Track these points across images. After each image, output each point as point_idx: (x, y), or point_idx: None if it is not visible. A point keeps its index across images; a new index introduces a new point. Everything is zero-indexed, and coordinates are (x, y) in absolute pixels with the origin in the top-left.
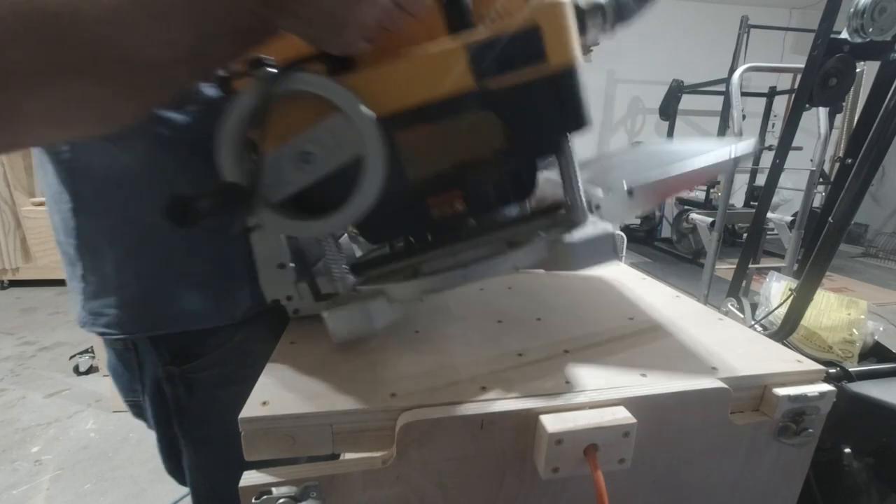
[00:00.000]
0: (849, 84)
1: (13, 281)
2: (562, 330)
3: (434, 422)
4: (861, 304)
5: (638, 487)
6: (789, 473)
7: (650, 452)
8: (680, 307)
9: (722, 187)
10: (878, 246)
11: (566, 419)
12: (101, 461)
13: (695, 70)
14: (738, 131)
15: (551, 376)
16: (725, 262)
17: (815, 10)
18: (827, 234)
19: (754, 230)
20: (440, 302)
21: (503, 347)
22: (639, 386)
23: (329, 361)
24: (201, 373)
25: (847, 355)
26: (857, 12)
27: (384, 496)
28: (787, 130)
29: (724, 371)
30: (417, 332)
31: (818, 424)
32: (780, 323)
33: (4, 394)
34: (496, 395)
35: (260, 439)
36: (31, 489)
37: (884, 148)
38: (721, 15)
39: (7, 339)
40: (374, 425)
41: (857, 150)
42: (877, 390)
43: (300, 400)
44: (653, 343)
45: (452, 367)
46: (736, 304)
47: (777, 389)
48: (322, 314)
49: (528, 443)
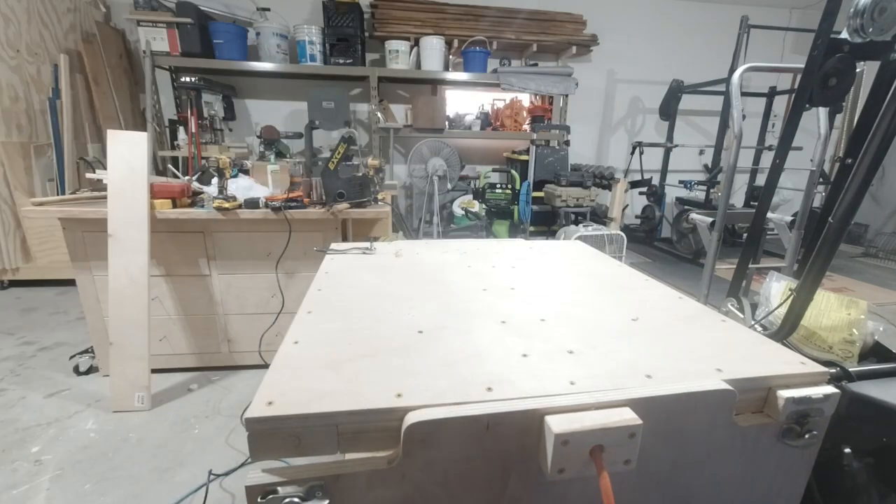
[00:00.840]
0: (849, 84)
1: (13, 281)
2: (566, 331)
3: (439, 422)
4: (861, 304)
5: (642, 488)
6: (793, 475)
7: (655, 453)
8: (683, 308)
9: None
10: (878, 246)
11: (572, 420)
12: (101, 461)
13: (695, 70)
14: (738, 131)
15: (556, 377)
16: (725, 262)
17: (815, 10)
18: (827, 234)
19: (754, 230)
20: (444, 302)
21: (508, 348)
22: (644, 387)
23: (334, 362)
24: None
25: (847, 355)
26: (857, 12)
27: (389, 496)
28: (787, 130)
29: (728, 373)
30: (421, 332)
31: (822, 426)
32: (780, 323)
33: (4, 394)
34: (501, 396)
35: (265, 439)
36: (31, 489)
37: (884, 148)
38: (721, 15)
39: (7, 339)
40: (379, 425)
41: (857, 150)
42: (877, 390)
43: (305, 400)
44: (657, 344)
45: (457, 368)
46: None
47: (781, 391)
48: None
49: (534, 443)
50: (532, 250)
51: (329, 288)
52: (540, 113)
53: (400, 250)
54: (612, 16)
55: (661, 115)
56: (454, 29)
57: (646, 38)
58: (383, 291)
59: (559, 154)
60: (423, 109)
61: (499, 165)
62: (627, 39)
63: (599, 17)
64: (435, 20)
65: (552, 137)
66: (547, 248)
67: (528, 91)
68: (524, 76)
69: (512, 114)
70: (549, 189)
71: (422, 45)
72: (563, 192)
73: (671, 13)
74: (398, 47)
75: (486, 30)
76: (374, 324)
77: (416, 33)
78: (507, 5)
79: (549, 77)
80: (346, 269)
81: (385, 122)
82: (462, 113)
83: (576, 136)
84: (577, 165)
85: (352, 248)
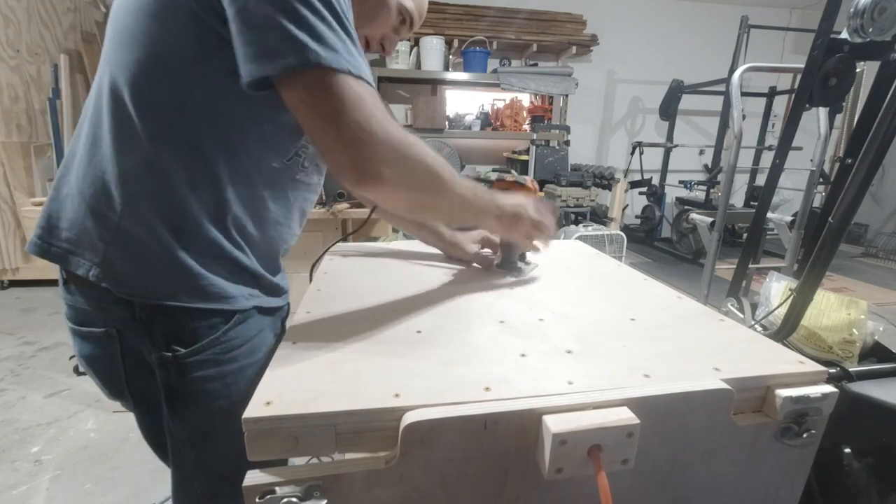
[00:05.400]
0: (849, 84)
1: (13, 281)
2: (564, 330)
3: (437, 422)
4: (861, 304)
5: (640, 488)
6: (791, 474)
7: (653, 453)
8: (682, 308)
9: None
10: (878, 246)
11: (570, 420)
12: (101, 461)
13: (695, 70)
14: (738, 131)
15: (554, 377)
16: (725, 262)
17: (815, 10)
18: (827, 234)
19: (754, 230)
20: (442, 302)
21: (505, 348)
22: (642, 386)
23: (332, 362)
24: (191, 358)
25: (847, 355)
26: (857, 12)
27: (387, 496)
28: (787, 130)
29: (726, 372)
30: (419, 332)
31: (820, 426)
32: (780, 323)
33: (4, 394)
34: (499, 396)
35: (263, 439)
36: (31, 489)
37: (884, 148)
38: (721, 15)
39: (7, 339)
40: (377, 425)
41: (857, 150)
42: (877, 390)
43: (304, 400)
44: (656, 344)
45: (455, 368)
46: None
47: (780, 390)
48: None
49: (532, 443)
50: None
51: (328, 288)
52: (540, 113)
53: (400, 250)
54: (612, 16)
55: (661, 115)
56: (454, 29)
57: (646, 38)
58: (382, 291)
59: (559, 154)
60: (423, 109)
61: (499, 165)
62: (627, 39)
63: (599, 17)
64: (435, 20)
65: (552, 137)
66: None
67: (528, 91)
68: (524, 76)
69: (512, 114)
70: (549, 189)
71: (422, 45)
72: (563, 192)
73: (671, 13)
74: (398, 47)
75: (486, 30)
76: (373, 324)
77: (415, 33)
78: (507, 5)
79: (548, 77)
80: (345, 269)
81: None
82: (462, 113)
83: (576, 136)
84: (577, 165)
85: (352, 248)
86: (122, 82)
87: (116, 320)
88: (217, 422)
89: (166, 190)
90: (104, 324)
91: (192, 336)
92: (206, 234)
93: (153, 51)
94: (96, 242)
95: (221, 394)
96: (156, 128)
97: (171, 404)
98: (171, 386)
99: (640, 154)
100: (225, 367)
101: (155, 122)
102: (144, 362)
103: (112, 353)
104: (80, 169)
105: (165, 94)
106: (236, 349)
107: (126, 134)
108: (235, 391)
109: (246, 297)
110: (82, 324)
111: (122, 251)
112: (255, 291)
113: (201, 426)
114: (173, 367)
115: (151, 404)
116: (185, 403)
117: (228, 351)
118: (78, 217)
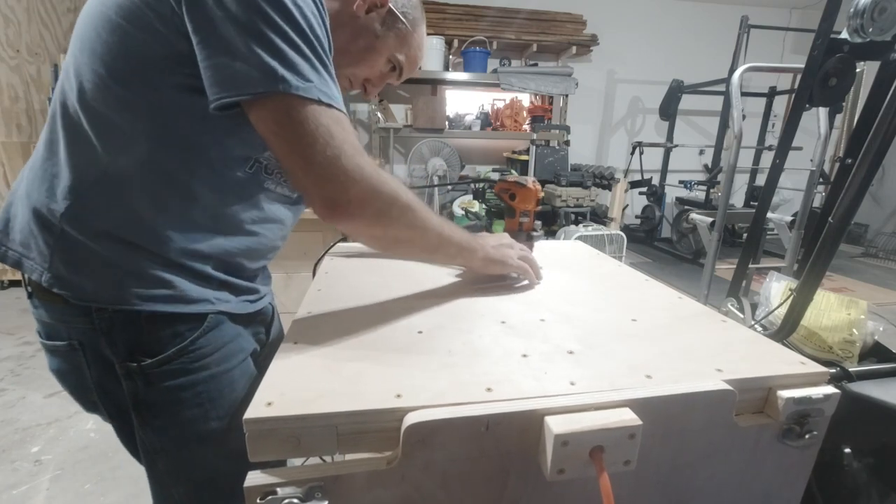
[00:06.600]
0: (849, 84)
1: (13, 281)
2: (566, 331)
3: (439, 423)
4: (861, 304)
5: (641, 489)
6: (793, 475)
7: (655, 454)
8: (683, 308)
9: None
10: (878, 246)
11: (572, 421)
12: (101, 461)
13: (695, 70)
14: (738, 131)
15: (556, 377)
16: (725, 262)
17: (815, 10)
18: (827, 234)
19: (754, 230)
20: (444, 302)
21: (507, 348)
22: (644, 387)
23: (333, 362)
24: (158, 368)
25: (847, 355)
26: (857, 12)
27: (389, 497)
28: (787, 130)
29: (728, 373)
30: (421, 332)
31: (822, 426)
32: (780, 323)
33: (4, 394)
34: (501, 397)
35: (265, 440)
36: (31, 489)
37: (884, 148)
38: (721, 15)
39: (7, 339)
40: (379, 426)
41: (857, 150)
42: (877, 390)
43: (305, 401)
44: (657, 344)
45: (457, 368)
46: (736, 304)
47: (781, 391)
48: None
49: (533, 444)
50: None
51: (329, 288)
52: (540, 113)
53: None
54: (612, 16)
55: (661, 115)
56: (454, 29)
57: (646, 38)
58: (383, 291)
59: (559, 154)
60: (423, 109)
61: (499, 165)
62: (627, 39)
63: (599, 17)
64: (435, 20)
65: (552, 137)
66: (547, 247)
67: (528, 91)
68: (524, 76)
69: (512, 114)
70: (549, 189)
71: None
72: (563, 192)
73: (671, 13)
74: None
75: (486, 30)
76: (374, 324)
77: None
78: (507, 5)
79: (548, 77)
80: (345, 269)
81: (385, 122)
82: (462, 113)
83: (576, 136)
84: (577, 165)
85: (353, 248)
86: (80, 91)
87: (78, 332)
88: (190, 430)
89: (120, 198)
90: (67, 336)
91: (157, 345)
92: (162, 242)
93: (111, 63)
94: (42, 247)
95: (193, 402)
96: (110, 138)
97: (139, 414)
98: (139, 396)
99: (640, 154)
100: (195, 376)
101: (109, 133)
102: (114, 374)
103: (78, 366)
104: (33, 171)
105: (122, 106)
106: (207, 357)
107: (80, 143)
108: (208, 399)
109: (211, 302)
110: (49, 337)
111: (67, 255)
112: (221, 295)
113: (173, 435)
114: (139, 378)
115: (126, 416)
116: (155, 414)
117: (198, 360)
118: (25, 221)
